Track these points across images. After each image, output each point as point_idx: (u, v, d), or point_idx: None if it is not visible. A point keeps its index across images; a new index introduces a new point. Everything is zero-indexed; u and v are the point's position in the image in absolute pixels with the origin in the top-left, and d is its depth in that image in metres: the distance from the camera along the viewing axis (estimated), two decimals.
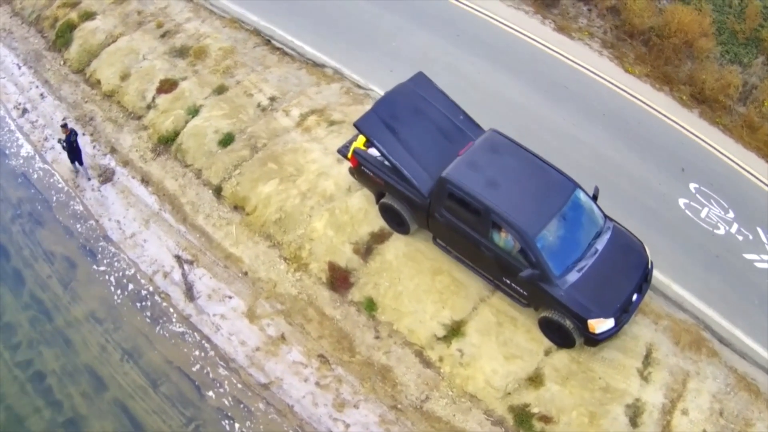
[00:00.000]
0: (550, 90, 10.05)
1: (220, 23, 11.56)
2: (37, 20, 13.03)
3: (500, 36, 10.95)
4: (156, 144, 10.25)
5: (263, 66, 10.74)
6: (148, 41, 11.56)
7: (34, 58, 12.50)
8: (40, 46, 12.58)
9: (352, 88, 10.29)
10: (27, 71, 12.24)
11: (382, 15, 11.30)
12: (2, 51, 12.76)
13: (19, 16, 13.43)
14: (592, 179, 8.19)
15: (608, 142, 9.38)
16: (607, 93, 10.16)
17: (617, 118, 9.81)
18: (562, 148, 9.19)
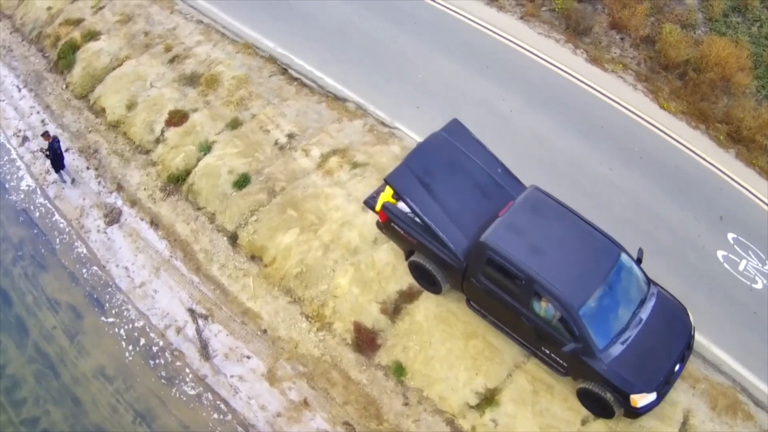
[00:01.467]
0: (586, 130, 9.04)
1: (233, 48, 10.29)
2: (38, 38, 11.70)
3: (532, 68, 9.82)
4: (165, 183, 9.12)
5: (280, 98, 9.51)
6: (155, 66, 10.31)
7: (35, 80, 11.26)
8: (42, 66, 11.31)
9: (376, 125, 9.15)
10: (27, 94, 11.04)
11: (406, 43, 10.03)
12: (2, 71, 11.51)
13: (20, 33, 12.06)
14: (631, 230, 7.63)
15: (646, 188, 8.50)
16: (643, 132, 9.18)
17: (654, 162, 8.88)
18: (600, 195, 8.34)
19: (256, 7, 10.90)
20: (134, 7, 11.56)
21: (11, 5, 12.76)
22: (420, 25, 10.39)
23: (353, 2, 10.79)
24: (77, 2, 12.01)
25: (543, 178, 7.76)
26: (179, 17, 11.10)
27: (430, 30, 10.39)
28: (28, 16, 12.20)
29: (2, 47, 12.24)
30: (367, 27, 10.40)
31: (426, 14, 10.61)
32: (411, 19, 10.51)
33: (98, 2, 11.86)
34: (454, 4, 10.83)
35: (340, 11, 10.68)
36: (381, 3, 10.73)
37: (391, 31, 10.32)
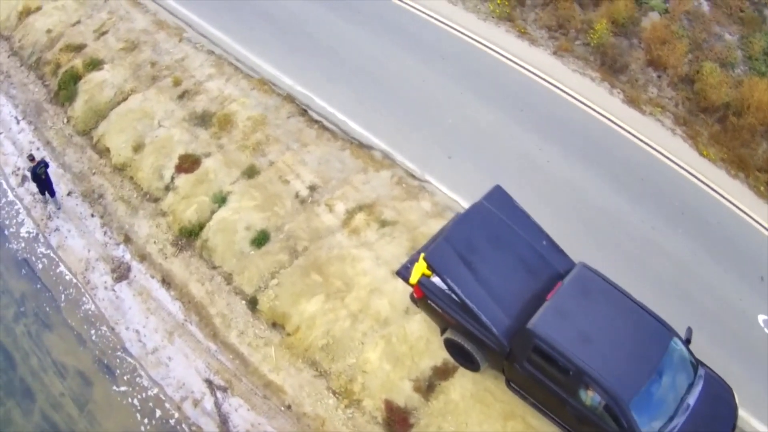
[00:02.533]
0: (627, 182, 8.14)
1: (248, 84, 9.13)
2: (38, 64, 10.44)
3: (568, 110, 8.79)
4: (177, 236, 8.05)
5: (300, 143, 8.44)
6: (163, 102, 9.16)
7: (35, 112, 10.04)
8: (41, 96, 10.12)
9: (405, 177, 8.09)
10: (26, 127, 9.86)
11: (434, 82, 8.88)
12: None
13: (18, 57, 10.77)
14: (672, 294, 6.95)
15: (687, 247, 7.68)
16: (683, 183, 8.28)
17: (696, 217, 8.01)
18: (641, 257, 7.51)
19: (272, 39, 9.69)
20: (140, 33, 10.26)
21: (9, 25, 11.30)
22: (448, 60, 9.21)
23: (376, 37, 9.55)
24: (78, 26, 10.78)
25: (584, 242, 7.04)
26: (188, 46, 9.88)
27: (458, 66, 9.19)
28: (27, 38, 10.86)
29: (0, 72, 11.43)
30: (391, 64, 9.24)
31: (453, 48, 9.40)
32: (438, 55, 9.28)
33: (101, 26, 10.59)
34: (483, 36, 9.61)
35: (363, 46, 9.51)
36: (405, 38, 9.54)
37: (418, 68, 9.13)
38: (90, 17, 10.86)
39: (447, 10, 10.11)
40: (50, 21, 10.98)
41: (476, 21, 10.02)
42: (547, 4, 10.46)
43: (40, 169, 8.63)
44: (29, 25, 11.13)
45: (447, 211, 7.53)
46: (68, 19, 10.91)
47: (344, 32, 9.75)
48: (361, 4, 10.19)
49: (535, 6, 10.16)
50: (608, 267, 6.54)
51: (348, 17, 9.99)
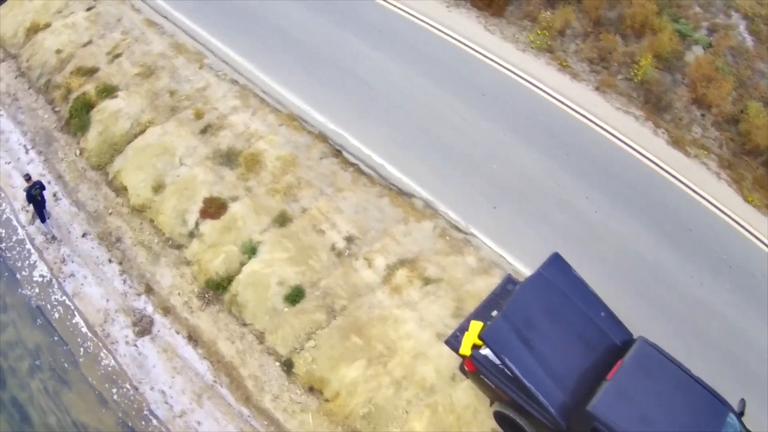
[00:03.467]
0: (674, 234, 7.41)
1: (275, 119, 8.15)
2: (47, 87, 9.41)
3: (614, 153, 7.98)
4: (204, 289, 7.25)
5: (334, 188, 7.56)
6: (185, 137, 8.15)
7: (45, 140, 9.04)
8: (51, 123, 9.13)
9: (448, 229, 7.28)
10: (36, 157, 8.87)
11: (475, 122, 7.93)
12: (6, 124, 9.25)
13: (26, 78, 9.74)
14: (721, 356, 6.41)
15: (737, 307, 7.06)
16: (729, 234, 7.59)
17: (743, 272, 7.37)
18: (692, 318, 6.86)
19: (298, 68, 8.68)
20: (156, 57, 9.20)
21: (16, 43, 10.17)
22: (488, 97, 8.26)
23: (409, 67, 8.53)
24: (90, 46, 9.64)
25: (635, 303, 6.41)
26: (210, 74, 8.83)
27: (499, 104, 8.26)
28: (36, 58, 9.78)
29: (7, 94, 9.90)
30: (428, 99, 8.27)
31: (493, 83, 8.47)
32: (477, 90, 8.34)
33: (114, 48, 9.47)
34: (523, 69, 8.66)
35: (395, 78, 8.54)
36: (441, 70, 8.54)
37: (457, 105, 8.16)
38: (102, 37, 9.77)
39: (484, 38, 9.11)
40: (60, 40, 9.88)
41: (515, 52, 9.06)
42: (588, 34, 9.52)
43: (35, 190, 7.84)
44: (37, 43, 10.03)
45: (493, 267, 6.87)
46: (79, 39, 9.83)
47: (375, 62, 8.72)
48: (392, 31, 9.10)
49: (575, 36, 9.23)
50: (660, 332, 6.03)
51: (378, 46, 8.94)
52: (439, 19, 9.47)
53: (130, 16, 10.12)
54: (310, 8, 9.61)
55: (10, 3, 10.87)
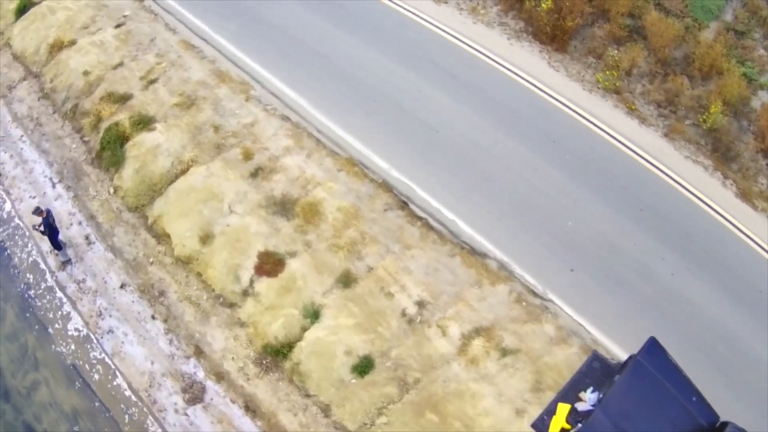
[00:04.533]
0: (750, 301, 6.67)
1: (333, 163, 7.20)
2: (74, 114, 8.21)
3: (687, 208, 7.23)
4: (261, 354, 6.35)
5: (402, 245, 6.71)
6: (233, 180, 7.17)
7: (73, 174, 7.93)
8: (80, 155, 7.98)
9: (524, 293, 6.50)
10: (64, 193, 7.77)
11: (548, 176, 7.14)
12: (30, 153, 8.11)
13: (50, 101, 8.53)
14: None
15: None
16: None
17: None
18: (762, 388, 6.16)
19: (355, 105, 7.71)
20: (197, 85, 8.12)
21: (39, 60, 8.91)
22: (558, 144, 7.41)
23: (475, 111, 7.57)
24: (121, 69, 8.45)
25: (712, 375, 5.74)
26: (257, 108, 7.78)
27: (570, 152, 7.36)
28: (60, 79, 8.57)
29: (29, 118, 8.69)
30: (497, 148, 7.38)
31: (562, 128, 7.61)
32: (547, 137, 7.55)
33: (148, 72, 8.30)
34: (591, 112, 7.75)
35: (464, 123, 7.57)
36: (508, 114, 7.65)
37: (526, 153, 7.32)
38: (134, 59, 8.55)
39: (549, 76, 8.21)
40: (87, 60, 8.62)
41: (582, 92, 8.18)
42: (654, 74, 8.68)
43: (50, 219, 6.86)
44: (62, 62, 8.80)
45: (572, 336, 6.20)
46: (108, 60, 8.60)
47: (438, 103, 7.74)
48: (454, 66, 8.07)
49: (641, 76, 8.43)
50: (740, 411, 5.42)
51: (441, 84, 7.86)
52: (501, 53, 8.48)
53: (164, 36, 8.89)
54: (361, 39, 8.49)
55: (31, 16, 9.46)
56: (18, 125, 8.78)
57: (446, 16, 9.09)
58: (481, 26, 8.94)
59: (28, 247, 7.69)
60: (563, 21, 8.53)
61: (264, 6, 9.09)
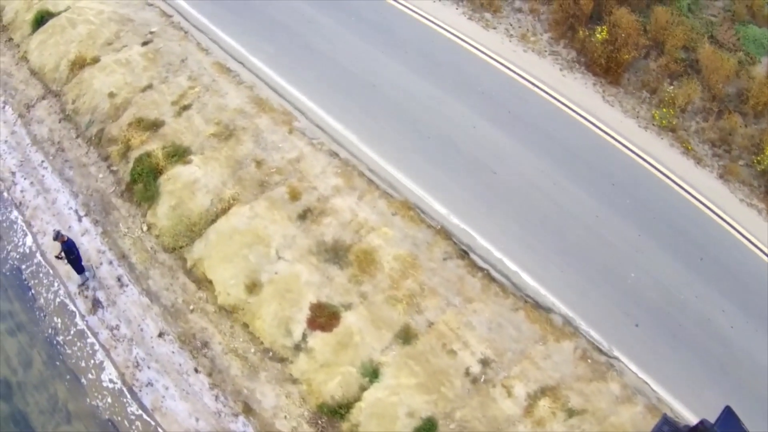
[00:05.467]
0: None
1: (387, 206, 6.57)
2: (100, 139, 7.44)
3: (745, 257, 6.73)
4: (316, 413, 5.78)
5: (463, 298, 6.14)
6: (280, 222, 6.49)
7: (101, 207, 7.17)
8: (108, 185, 7.23)
9: (589, 350, 6.02)
10: (91, 228, 7.04)
11: (608, 219, 6.60)
12: (52, 181, 7.35)
13: (73, 124, 7.73)
14: None
15: None
16: None
17: None
18: None
19: (410, 145, 7.04)
20: (234, 114, 7.38)
21: (59, 78, 8.06)
22: (618, 188, 6.88)
23: (536, 153, 7.00)
24: (150, 92, 7.65)
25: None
26: (302, 142, 7.06)
27: (630, 196, 6.84)
28: (83, 100, 7.75)
29: (50, 142, 7.83)
30: (558, 193, 6.78)
31: (622, 170, 7.12)
32: (607, 180, 7.01)
33: (181, 97, 7.47)
34: (650, 153, 7.24)
35: (522, 165, 6.98)
36: (568, 155, 7.07)
37: (590, 203, 6.74)
38: (164, 81, 7.75)
39: (604, 112, 7.63)
40: (112, 81, 7.78)
41: (637, 130, 7.63)
42: (708, 111, 8.07)
43: (72, 246, 6.33)
44: (85, 81, 7.95)
45: (637, 395, 5.77)
46: (136, 81, 7.78)
47: (495, 141, 7.11)
48: (509, 99, 7.50)
49: (695, 113, 7.94)
50: None
51: (496, 119, 7.27)
52: (555, 85, 7.86)
53: (196, 57, 8.03)
54: (408, 66, 7.73)
55: (49, 28, 8.48)
56: (38, 149, 7.91)
57: (495, 42, 8.42)
58: (532, 55, 8.30)
59: (54, 287, 6.95)
60: (619, 53, 7.91)
61: (303, 27, 8.24)
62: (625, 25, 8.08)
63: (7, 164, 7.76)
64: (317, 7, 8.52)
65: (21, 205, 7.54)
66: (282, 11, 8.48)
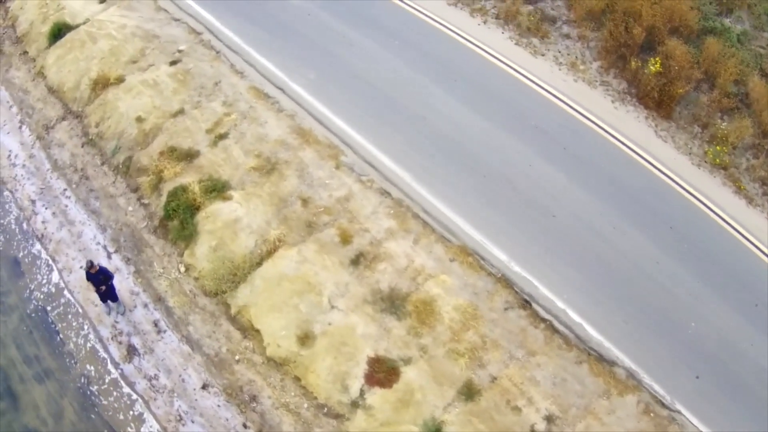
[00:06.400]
0: None
1: (444, 251, 6.07)
2: (128, 168, 6.79)
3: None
4: None
5: (526, 350, 5.71)
6: (331, 268, 5.98)
7: (132, 244, 6.56)
8: (139, 220, 6.60)
9: (652, 404, 5.67)
10: (123, 266, 6.46)
11: (667, 265, 6.25)
12: (77, 212, 6.72)
13: (97, 149, 7.00)
14: None
15: None
16: None
17: None
18: None
19: (466, 185, 6.49)
20: (276, 145, 6.77)
21: (80, 98, 7.33)
22: (677, 233, 6.45)
23: (596, 195, 6.59)
24: (182, 118, 6.97)
25: None
26: (350, 178, 6.51)
27: (688, 242, 6.40)
28: (108, 124, 7.01)
29: (72, 168, 7.10)
30: (618, 239, 6.34)
31: (681, 213, 6.66)
32: (664, 223, 6.62)
33: (216, 125, 6.79)
34: (703, 192, 6.78)
35: (582, 208, 6.47)
36: (625, 196, 6.57)
37: (649, 248, 6.27)
38: (197, 106, 7.07)
39: (657, 147, 7.13)
40: (140, 104, 7.06)
41: (690, 167, 7.20)
42: (759, 148, 7.63)
43: (105, 279, 5.70)
44: (109, 103, 7.21)
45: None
46: (166, 105, 7.08)
47: (553, 180, 6.64)
48: (563, 135, 6.92)
49: (745, 149, 7.60)
50: None
51: (552, 156, 6.77)
52: (608, 119, 7.37)
53: (231, 80, 7.33)
54: (457, 97, 7.17)
55: (68, 42, 7.64)
56: (60, 176, 7.19)
57: (545, 71, 7.85)
58: (583, 85, 7.80)
59: (84, 330, 6.31)
60: (672, 87, 7.43)
61: (343, 50, 7.55)
62: (679, 57, 7.59)
63: (27, 191, 6.98)
64: (356, 28, 7.81)
65: (43, 238, 6.86)
66: (320, 32, 7.76)
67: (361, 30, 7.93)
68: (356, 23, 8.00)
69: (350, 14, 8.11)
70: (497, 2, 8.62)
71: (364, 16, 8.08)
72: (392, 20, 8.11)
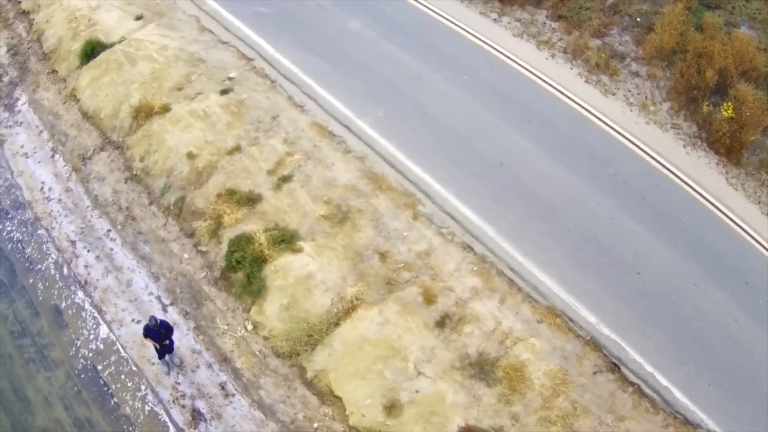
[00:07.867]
0: None
1: (531, 312, 5.59)
2: (180, 210, 6.01)
3: None
4: None
5: (615, 416, 5.35)
6: (416, 331, 5.43)
7: (190, 296, 5.83)
8: (196, 268, 5.92)
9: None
10: (181, 322, 5.72)
11: (752, 333, 5.73)
12: (124, 258, 5.95)
13: (143, 187, 6.21)
14: None
15: None
16: None
17: None
18: None
19: (553, 243, 5.95)
20: (345, 190, 6.12)
21: (120, 127, 6.49)
22: (752, 287, 5.99)
23: (675, 252, 6.01)
24: (239, 156, 6.22)
25: None
26: (430, 231, 5.90)
27: (762, 298, 5.93)
28: (155, 159, 6.22)
29: (116, 207, 6.27)
30: (702, 301, 5.88)
31: (756, 268, 6.16)
32: (741, 280, 6.13)
33: (278, 165, 6.03)
34: (749, 222, 6.38)
35: (663, 265, 5.96)
36: (707, 257, 6.09)
37: (731, 309, 5.79)
38: (255, 143, 6.28)
39: (729, 195, 6.69)
40: (190, 138, 6.21)
41: (761, 218, 6.67)
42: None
43: (163, 332, 5.08)
44: (155, 135, 6.37)
45: None
46: (220, 141, 6.29)
47: (634, 235, 6.14)
48: (641, 184, 6.33)
49: None
50: None
51: (631, 209, 6.23)
52: (682, 166, 6.88)
53: (290, 114, 6.53)
54: (537, 142, 6.55)
55: (102, 63, 6.65)
56: (102, 215, 6.30)
57: (616, 112, 7.32)
58: (654, 128, 7.32)
59: (141, 391, 5.57)
60: (743, 133, 7.00)
61: (410, 85, 6.82)
62: (751, 102, 7.16)
63: (65, 230, 6.06)
64: (422, 61, 7.03)
65: (87, 285, 6.04)
66: (384, 64, 6.96)
67: (428, 63, 7.18)
68: (422, 55, 7.25)
69: (413, 44, 7.35)
70: (563, 35, 7.96)
71: (429, 47, 7.31)
72: (458, 52, 7.32)
